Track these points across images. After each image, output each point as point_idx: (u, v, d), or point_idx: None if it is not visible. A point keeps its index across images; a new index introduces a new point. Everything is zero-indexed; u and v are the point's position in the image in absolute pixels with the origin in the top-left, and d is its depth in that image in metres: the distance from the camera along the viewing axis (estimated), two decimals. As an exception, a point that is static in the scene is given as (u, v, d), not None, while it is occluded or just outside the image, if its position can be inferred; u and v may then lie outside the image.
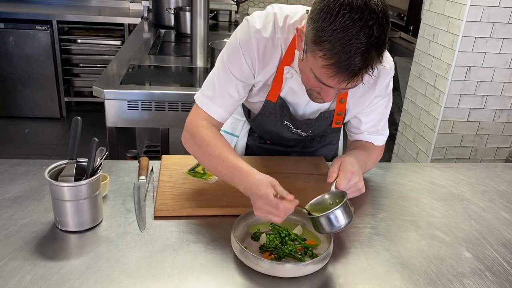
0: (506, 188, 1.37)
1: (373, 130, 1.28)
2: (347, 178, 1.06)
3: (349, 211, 0.98)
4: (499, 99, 2.53)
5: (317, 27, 0.88)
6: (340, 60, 0.88)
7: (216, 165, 1.09)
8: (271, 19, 1.11)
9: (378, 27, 0.86)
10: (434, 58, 2.58)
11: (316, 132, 1.29)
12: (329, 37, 0.87)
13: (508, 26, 2.34)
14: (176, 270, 0.92)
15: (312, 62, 0.93)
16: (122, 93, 2.00)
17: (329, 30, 0.86)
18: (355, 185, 1.09)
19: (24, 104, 3.93)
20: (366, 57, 0.87)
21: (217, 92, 1.16)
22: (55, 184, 0.97)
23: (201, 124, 1.15)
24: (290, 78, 1.15)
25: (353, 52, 0.86)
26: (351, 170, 1.07)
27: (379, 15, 0.86)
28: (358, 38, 0.85)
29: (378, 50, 0.89)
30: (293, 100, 1.22)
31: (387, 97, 1.23)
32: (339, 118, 1.25)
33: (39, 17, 3.74)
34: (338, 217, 0.96)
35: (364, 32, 0.85)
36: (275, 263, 0.91)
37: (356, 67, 0.88)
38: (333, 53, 0.87)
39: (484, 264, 1.01)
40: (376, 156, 1.30)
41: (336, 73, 0.90)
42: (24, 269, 0.89)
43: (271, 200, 0.94)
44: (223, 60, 1.15)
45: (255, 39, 1.10)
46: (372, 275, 0.95)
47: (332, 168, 1.10)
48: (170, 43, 3.24)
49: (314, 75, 0.96)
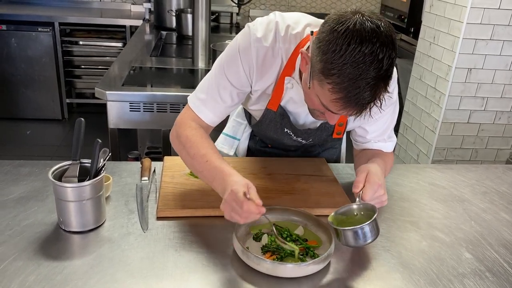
0: (506, 189, 1.38)
1: (380, 138, 1.27)
2: (374, 190, 1.03)
3: (377, 228, 0.97)
4: (499, 101, 2.53)
5: (326, 59, 0.87)
6: (349, 95, 0.87)
7: (199, 165, 1.08)
8: (272, 27, 1.10)
9: (387, 60, 0.85)
10: (434, 60, 2.59)
11: (316, 140, 1.29)
12: (338, 71, 0.85)
13: (508, 28, 2.35)
14: (179, 270, 0.93)
15: (319, 91, 0.93)
16: (124, 95, 2.01)
17: (339, 63, 0.85)
18: (380, 197, 1.05)
19: (26, 105, 3.95)
20: (375, 91, 0.87)
21: (210, 96, 1.15)
22: (59, 184, 0.98)
23: (189, 124, 1.15)
24: (290, 88, 1.14)
25: (363, 87, 0.85)
26: (378, 182, 1.04)
27: (389, 46, 0.85)
28: (368, 73, 0.84)
29: (385, 81, 0.88)
30: (294, 110, 1.21)
31: (392, 106, 1.20)
32: (340, 129, 1.25)
33: (41, 19, 3.76)
34: (366, 233, 0.95)
35: (374, 66, 0.84)
36: (276, 263, 0.92)
37: (365, 101, 0.88)
38: (342, 87, 0.87)
39: (485, 264, 1.02)
40: (391, 163, 1.29)
41: (345, 107, 0.90)
42: (28, 269, 0.90)
43: (238, 197, 0.92)
44: (221, 64, 1.15)
45: (255, 47, 1.09)
46: (373, 275, 0.96)
47: (358, 177, 1.07)
48: (171, 45, 3.25)
49: (320, 101, 0.95)
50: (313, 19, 1.13)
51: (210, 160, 1.06)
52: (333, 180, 1.30)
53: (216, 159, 1.06)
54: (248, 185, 0.96)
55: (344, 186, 1.26)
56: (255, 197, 0.93)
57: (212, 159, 1.06)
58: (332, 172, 1.35)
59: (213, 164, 1.05)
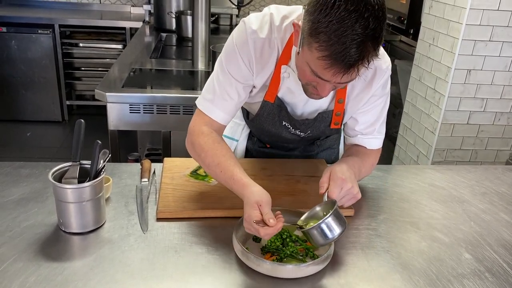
0: (505, 190, 1.38)
1: (369, 131, 1.26)
2: (338, 185, 1.03)
3: (342, 219, 0.96)
4: (499, 102, 2.54)
5: (313, 19, 0.89)
6: (336, 51, 0.87)
7: (215, 174, 1.10)
8: (267, 19, 1.11)
9: (374, 19, 0.86)
10: (434, 61, 2.59)
11: (315, 132, 1.29)
12: (325, 28, 0.86)
13: (507, 29, 2.35)
14: (179, 271, 0.93)
15: (308, 55, 0.93)
16: (124, 97, 2.01)
17: (325, 21, 0.86)
18: (349, 191, 1.05)
19: (26, 107, 3.95)
20: (362, 49, 0.87)
21: (217, 95, 1.16)
22: (59, 186, 0.98)
23: (201, 131, 1.15)
24: (287, 78, 1.15)
25: (349, 43, 0.86)
26: (341, 177, 1.04)
27: (375, 7, 0.86)
28: (354, 29, 0.85)
29: (374, 42, 0.89)
30: (291, 100, 1.22)
31: (384, 97, 1.21)
32: (338, 119, 1.25)
33: (41, 21, 3.76)
34: (330, 226, 0.94)
35: (359, 23, 0.85)
36: (276, 264, 0.92)
37: (352, 59, 0.88)
38: (329, 44, 0.87)
39: (484, 265, 1.02)
40: (371, 161, 1.27)
41: (332, 64, 0.90)
42: (28, 270, 0.90)
43: (252, 226, 0.93)
44: (221, 63, 1.16)
45: (251, 39, 1.10)
46: (372, 276, 0.96)
47: (322, 178, 1.07)
48: (171, 46, 3.26)
49: (310, 68, 0.95)
50: None
51: (224, 169, 1.07)
52: (332, 181, 1.30)
53: (230, 167, 1.07)
54: (259, 202, 0.96)
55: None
56: (268, 217, 0.93)
57: (226, 168, 1.07)
58: (331, 173, 1.35)
59: (227, 174, 1.06)
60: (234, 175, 1.05)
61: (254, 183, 1.02)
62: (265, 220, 0.93)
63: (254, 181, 1.03)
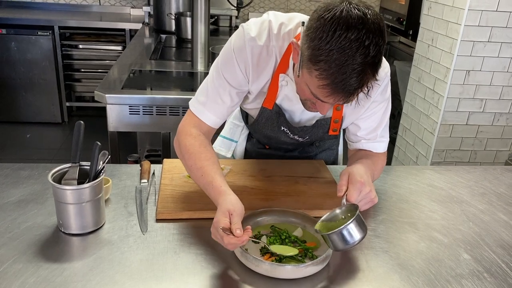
0: (504, 190, 1.38)
1: (372, 136, 1.26)
2: (358, 189, 1.02)
3: (363, 225, 0.95)
4: (498, 102, 2.54)
5: (313, 46, 0.88)
6: (336, 81, 0.88)
7: (196, 177, 1.10)
8: (266, 26, 1.11)
9: (374, 46, 0.86)
10: (433, 62, 2.60)
11: (313, 138, 1.30)
12: (325, 57, 0.86)
13: (506, 30, 2.36)
14: (178, 272, 0.93)
15: (308, 79, 0.94)
16: (124, 98, 2.02)
17: (325, 50, 0.86)
18: (367, 195, 1.04)
19: (25, 109, 3.95)
20: (362, 77, 0.88)
21: (210, 98, 1.16)
22: (58, 187, 0.98)
23: (190, 132, 1.15)
24: (285, 86, 1.15)
25: (349, 73, 0.86)
26: (360, 180, 1.03)
27: (375, 33, 0.86)
28: (354, 59, 0.85)
29: (373, 68, 0.89)
30: (289, 107, 1.22)
31: (384, 102, 1.21)
32: (336, 126, 1.25)
33: (40, 23, 3.77)
34: (352, 232, 0.93)
35: (360, 52, 0.85)
36: (275, 265, 0.92)
37: (352, 87, 0.89)
38: (329, 74, 0.88)
39: (483, 265, 1.02)
40: (381, 164, 1.27)
41: (332, 93, 0.91)
42: (28, 271, 0.90)
43: (218, 231, 0.91)
44: (217, 67, 1.16)
45: (249, 46, 1.10)
46: (371, 276, 0.96)
47: (340, 181, 1.06)
48: (171, 48, 3.26)
49: (309, 90, 0.96)
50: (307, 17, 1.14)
51: (205, 174, 1.06)
52: (331, 181, 1.31)
53: (210, 172, 1.06)
54: (230, 211, 0.94)
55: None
56: (235, 227, 0.90)
57: (206, 172, 1.06)
58: (330, 173, 1.35)
59: (207, 179, 1.05)
60: (213, 181, 1.03)
61: (232, 192, 1.00)
62: (232, 229, 0.90)
63: (232, 191, 1.01)
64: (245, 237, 0.89)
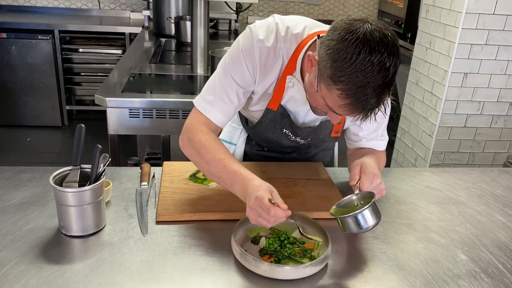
0: (501, 192, 1.40)
1: (373, 136, 1.30)
2: (370, 179, 1.08)
3: (377, 212, 1.00)
4: (496, 105, 2.55)
5: (336, 67, 0.90)
6: (357, 101, 0.92)
7: (216, 170, 1.10)
8: (273, 29, 1.13)
9: (393, 68, 0.90)
10: (431, 65, 2.61)
11: (314, 140, 1.32)
12: (347, 78, 0.89)
13: (503, 33, 2.38)
14: (178, 273, 0.94)
15: (327, 95, 0.97)
16: (124, 101, 2.03)
17: (348, 71, 0.89)
18: (377, 187, 1.09)
19: (26, 112, 3.96)
20: (380, 96, 0.92)
21: (217, 97, 1.18)
22: (60, 189, 0.99)
23: (200, 129, 1.16)
24: (292, 87, 1.17)
25: (370, 94, 0.90)
26: (373, 172, 1.09)
27: (395, 55, 0.90)
28: (376, 81, 0.89)
29: (389, 87, 0.93)
30: (294, 109, 1.24)
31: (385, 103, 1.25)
32: (338, 127, 1.27)
33: (41, 27, 3.78)
34: (366, 217, 0.98)
35: (381, 75, 0.89)
36: (274, 266, 0.93)
37: (371, 106, 0.93)
38: (350, 94, 0.91)
39: (480, 266, 1.03)
40: (383, 160, 1.32)
41: (351, 111, 0.95)
42: (30, 272, 0.91)
43: (264, 204, 0.95)
44: (225, 66, 1.18)
45: (257, 47, 1.12)
46: (369, 277, 0.97)
47: (353, 171, 1.11)
48: (170, 51, 3.28)
49: (325, 103, 0.99)
50: (310, 21, 1.17)
51: (228, 164, 1.08)
52: (330, 183, 1.32)
53: (233, 163, 1.08)
54: (271, 189, 0.99)
55: (341, 189, 1.28)
56: (280, 201, 0.97)
57: (229, 163, 1.08)
58: (329, 175, 1.36)
59: (231, 169, 1.07)
60: (240, 169, 1.06)
61: (259, 178, 1.04)
62: (277, 204, 0.96)
63: None
64: (289, 212, 0.96)
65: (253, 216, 0.97)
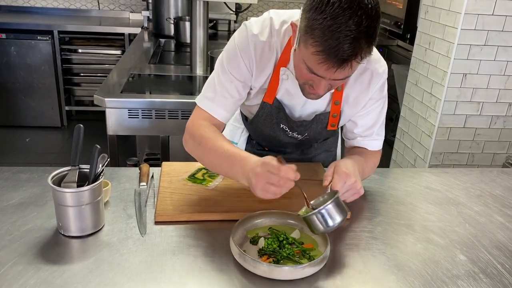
0: (500, 192, 1.40)
1: (368, 133, 1.29)
2: (342, 179, 1.07)
3: (343, 207, 0.98)
4: (495, 105, 2.56)
5: (309, 17, 0.92)
6: (329, 46, 0.90)
7: (216, 158, 1.11)
8: (267, 23, 1.15)
9: (367, 17, 0.89)
10: (430, 66, 2.61)
11: (312, 135, 1.31)
12: (319, 25, 0.90)
13: (502, 34, 2.38)
14: (177, 273, 0.94)
15: (304, 52, 0.97)
16: (123, 102, 2.03)
17: (320, 18, 0.90)
18: (352, 186, 1.08)
19: (25, 113, 3.96)
20: (355, 45, 0.90)
21: (218, 93, 1.19)
22: (58, 190, 0.99)
23: (201, 123, 1.19)
24: (286, 80, 1.18)
25: (342, 39, 0.89)
26: (345, 171, 1.08)
27: (368, 6, 0.90)
28: (347, 25, 0.88)
29: (367, 39, 0.91)
30: (289, 102, 1.24)
31: (381, 100, 1.25)
32: (334, 121, 1.27)
33: (40, 27, 3.79)
34: (331, 213, 0.96)
35: (353, 20, 0.88)
36: (273, 266, 0.93)
37: (345, 54, 0.91)
38: (323, 40, 0.91)
39: (479, 266, 1.03)
40: (373, 161, 1.31)
41: (325, 59, 0.93)
42: (28, 273, 0.91)
43: (273, 165, 0.96)
44: (222, 63, 1.20)
45: (252, 42, 1.14)
46: (368, 277, 0.97)
47: (327, 172, 1.12)
48: (170, 52, 3.28)
49: (306, 65, 0.99)
50: None
51: (226, 149, 1.09)
52: (329, 184, 1.31)
53: (232, 147, 1.10)
54: (278, 158, 0.99)
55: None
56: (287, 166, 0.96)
57: (227, 148, 1.10)
58: (328, 176, 1.36)
59: (229, 152, 1.08)
60: (240, 152, 1.07)
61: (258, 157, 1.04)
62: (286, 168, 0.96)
63: None
64: (298, 174, 0.97)
65: (261, 183, 0.96)
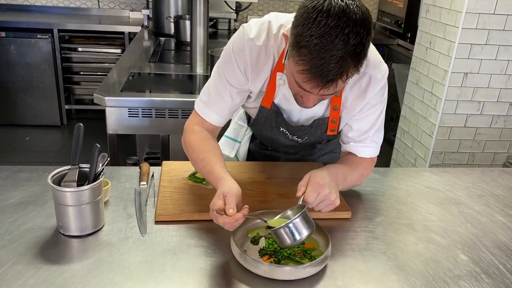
0: (501, 192, 1.39)
1: (362, 138, 1.23)
2: (315, 190, 1.01)
3: (310, 221, 0.96)
4: (495, 105, 2.55)
5: (296, 33, 0.90)
6: (315, 66, 0.89)
7: (200, 170, 1.16)
8: (265, 27, 1.13)
9: (354, 35, 0.86)
10: (431, 65, 2.61)
11: (311, 138, 1.30)
12: (306, 42, 0.88)
13: (503, 33, 2.37)
14: (177, 273, 0.94)
15: (292, 67, 0.95)
16: (123, 101, 2.02)
17: (306, 36, 0.87)
18: (326, 197, 1.02)
19: (25, 112, 3.96)
20: (341, 64, 0.88)
21: (212, 98, 1.20)
22: (58, 189, 0.99)
23: (193, 129, 1.21)
24: (282, 85, 1.17)
25: (327, 59, 0.87)
26: (319, 182, 1.02)
27: (356, 23, 0.87)
28: (334, 45, 0.86)
29: (354, 58, 0.89)
30: (287, 107, 1.23)
31: (378, 105, 1.19)
32: (334, 126, 1.25)
33: (40, 26, 3.78)
34: (298, 227, 0.94)
35: (339, 39, 0.86)
36: (274, 266, 0.93)
37: (330, 74, 0.89)
38: (309, 59, 0.89)
39: (480, 266, 1.03)
40: (361, 171, 1.23)
41: (310, 78, 0.91)
42: (28, 273, 0.91)
43: (212, 213, 0.98)
44: (218, 67, 1.20)
45: (248, 46, 1.12)
46: (369, 277, 0.97)
47: (301, 181, 1.05)
48: (170, 51, 3.27)
49: (294, 79, 0.97)
50: None
51: (206, 164, 1.13)
52: (330, 183, 1.31)
53: (211, 162, 1.12)
54: (225, 193, 0.99)
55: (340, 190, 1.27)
56: (228, 207, 0.95)
57: (207, 163, 1.12)
58: (329, 176, 1.36)
59: (208, 168, 1.12)
60: (213, 169, 1.09)
61: (230, 177, 1.05)
62: (225, 210, 0.95)
63: (231, 176, 1.06)
64: (238, 215, 0.94)
65: (214, 220, 0.99)
